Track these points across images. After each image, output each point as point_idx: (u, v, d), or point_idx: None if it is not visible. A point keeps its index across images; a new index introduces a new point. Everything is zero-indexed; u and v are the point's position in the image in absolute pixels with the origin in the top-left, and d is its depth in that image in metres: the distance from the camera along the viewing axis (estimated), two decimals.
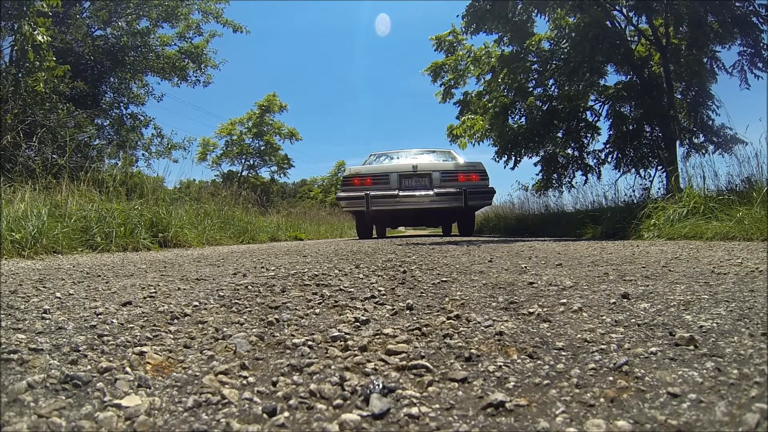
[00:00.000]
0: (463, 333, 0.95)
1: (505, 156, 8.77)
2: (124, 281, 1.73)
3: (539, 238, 5.87)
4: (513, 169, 8.77)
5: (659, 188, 7.17)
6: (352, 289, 1.47)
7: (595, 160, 8.68)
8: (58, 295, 1.38)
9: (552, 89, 8.83)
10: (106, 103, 11.27)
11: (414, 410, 0.60)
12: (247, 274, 1.91)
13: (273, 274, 1.90)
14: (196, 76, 12.59)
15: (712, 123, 7.61)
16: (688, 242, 3.55)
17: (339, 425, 0.56)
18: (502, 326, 0.98)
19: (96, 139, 8.56)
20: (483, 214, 11.67)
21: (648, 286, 1.42)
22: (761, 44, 6.74)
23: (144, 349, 0.85)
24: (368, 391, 0.65)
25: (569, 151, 8.94)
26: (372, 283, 1.58)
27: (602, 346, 0.83)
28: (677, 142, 7.50)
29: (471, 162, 6.89)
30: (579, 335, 0.90)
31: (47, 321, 1.05)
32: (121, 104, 11.80)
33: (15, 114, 5.17)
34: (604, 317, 1.04)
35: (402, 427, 0.56)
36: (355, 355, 0.81)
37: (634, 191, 6.82)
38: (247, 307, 1.23)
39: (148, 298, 1.35)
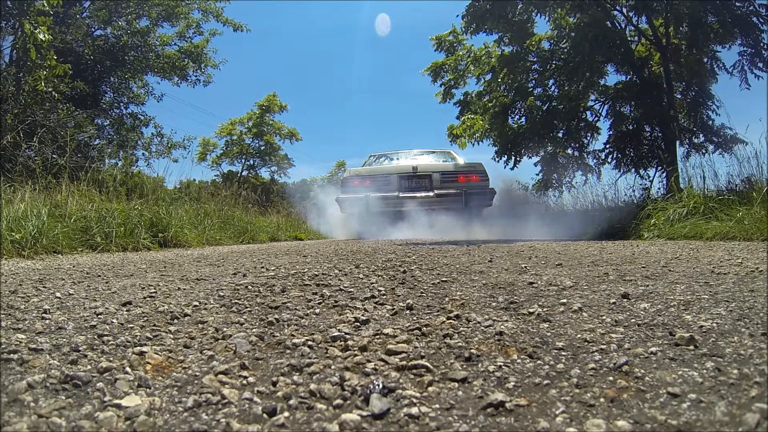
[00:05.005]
0: (463, 333, 0.95)
1: (505, 156, 8.77)
2: (124, 281, 1.73)
3: (539, 238, 5.87)
4: (513, 169, 8.77)
5: (659, 188, 7.17)
6: (352, 289, 1.47)
7: (595, 160, 8.67)
8: (58, 295, 1.38)
9: (552, 89, 8.82)
10: (106, 103, 11.25)
11: (414, 410, 0.60)
12: (247, 274, 1.91)
13: (273, 274, 1.90)
14: (196, 76, 12.59)
15: (712, 123, 7.60)
16: (688, 242, 3.55)
17: (339, 425, 0.56)
18: (502, 326, 0.98)
19: (96, 139, 8.55)
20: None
21: (648, 286, 1.42)
22: (761, 44, 6.74)
23: (144, 349, 0.85)
24: (368, 391, 0.65)
25: (569, 151, 8.94)
26: (372, 283, 1.58)
27: (602, 346, 0.83)
28: (677, 142, 7.49)
29: (471, 162, 6.88)
30: (579, 335, 0.90)
31: (47, 321, 1.05)
32: (121, 104, 11.79)
33: (15, 114, 5.16)
34: (604, 317, 1.04)
35: (402, 427, 0.56)
36: (355, 355, 0.81)
37: (634, 191, 6.83)
38: (247, 307, 1.23)
39: (148, 298, 1.35)
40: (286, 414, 0.60)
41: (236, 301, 1.31)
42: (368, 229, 6.61)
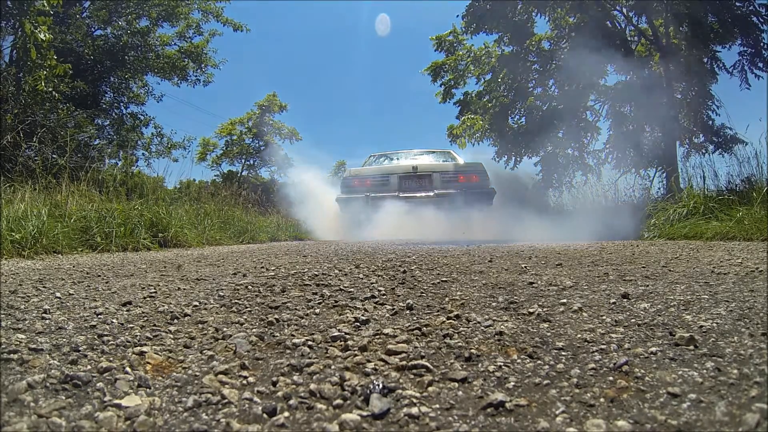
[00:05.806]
0: (463, 333, 0.95)
1: (505, 156, 8.78)
2: (124, 281, 1.73)
3: (539, 239, 5.87)
4: (513, 169, 8.78)
5: (659, 188, 7.18)
6: (352, 289, 1.47)
7: (595, 160, 8.68)
8: (58, 295, 1.38)
9: (552, 89, 8.83)
10: (106, 103, 11.26)
11: (414, 410, 0.60)
12: (247, 274, 1.91)
13: (273, 274, 1.90)
14: (196, 76, 12.58)
15: (712, 123, 7.61)
16: (688, 242, 3.55)
17: (339, 425, 0.56)
18: (502, 326, 0.98)
19: (96, 139, 8.55)
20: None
21: (648, 286, 1.42)
22: (761, 44, 6.75)
23: (144, 349, 0.85)
24: (368, 391, 0.65)
25: (569, 151, 8.93)
26: (372, 283, 1.58)
27: (602, 346, 0.83)
28: (677, 142, 7.50)
29: (471, 162, 6.88)
30: (579, 335, 0.90)
31: (47, 321, 1.05)
32: (121, 104, 11.79)
33: (15, 114, 5.17)
34: (604, 317, 1.04)
35: (402, 427, 0.56)
36: (355, 355, 0.81)
37: (634, 191, 6.84)
38: (247, 307, 1.23)
39: (148, 298, 1.35)
40: (286, 414, 0.60)
41: (236, 301, 1.31)
42: (368, 229, 6.61)
